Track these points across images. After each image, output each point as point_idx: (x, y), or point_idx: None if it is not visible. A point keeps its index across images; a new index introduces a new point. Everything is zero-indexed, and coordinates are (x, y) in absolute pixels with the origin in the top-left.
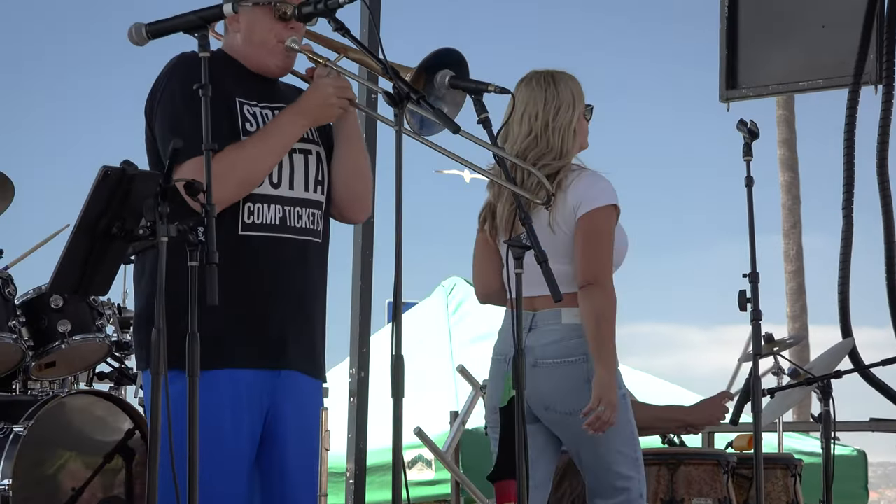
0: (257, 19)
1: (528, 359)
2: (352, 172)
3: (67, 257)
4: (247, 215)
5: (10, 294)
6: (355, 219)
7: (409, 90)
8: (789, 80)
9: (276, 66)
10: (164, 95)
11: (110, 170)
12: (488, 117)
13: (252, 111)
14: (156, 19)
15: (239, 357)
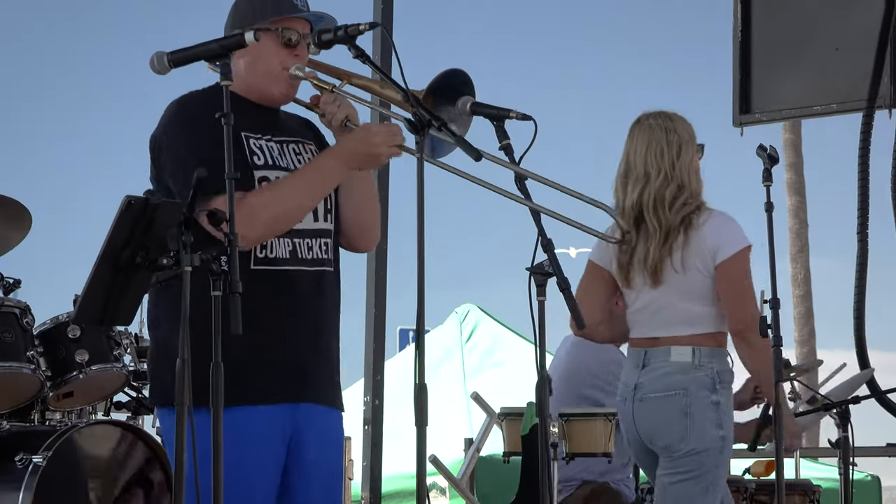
0: (264, 46)
1: (637, 394)
2: (359, 202)
3: (91, 288)
4: (259, 250)
5: (28, 324)
6: (364, 248)
7: (431, 117)
8: (803, 104)
9: (280, 93)
10: (173, 137)
11: (134, 199)
12: (510, 143)
13: (258, 144)
14: (178, 48)
15: (259, 393)
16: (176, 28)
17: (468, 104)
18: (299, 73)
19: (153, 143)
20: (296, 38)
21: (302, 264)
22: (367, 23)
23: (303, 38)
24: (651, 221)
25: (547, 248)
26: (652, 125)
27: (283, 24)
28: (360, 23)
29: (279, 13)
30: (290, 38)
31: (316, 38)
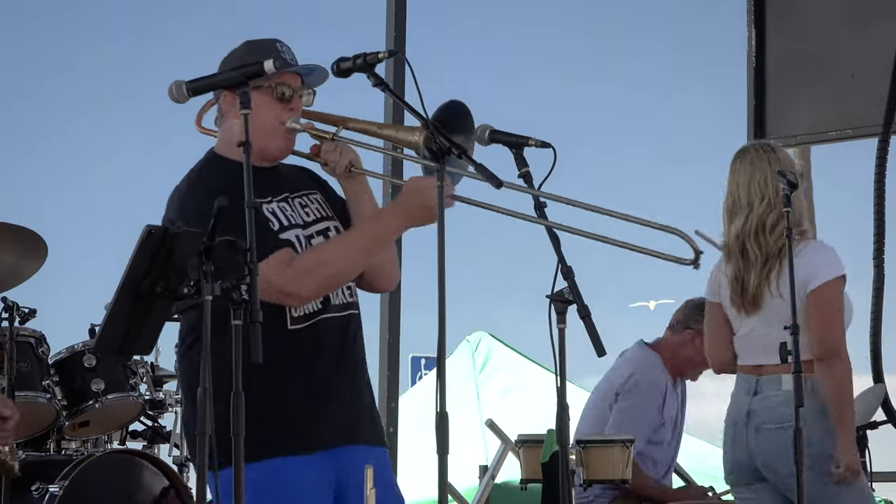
0: (260, 102)
1: (753, 421)
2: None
3: (112, 317)
4: (294, 308)
5: (44, 353)
6: (384, 288)
7: (451, 144)
8: (818, 129)
9: (279, 148)
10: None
11: (154, 229)
12: (529, 171)
13: (270, 209)
14: (196, 77)
15: (311, 441)
16: (176, 27)
17: (487, 132)
18: (296, 126)
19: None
20: (289, 92)
21: (334, 310)
22: (386, 51)
23: (295, 91)
24: (752, 248)
25: (567, 276)
26: (755, 156)
27: (275, 79)
28: (378, 51)
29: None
30: (284, 93)
31: (334, 66)
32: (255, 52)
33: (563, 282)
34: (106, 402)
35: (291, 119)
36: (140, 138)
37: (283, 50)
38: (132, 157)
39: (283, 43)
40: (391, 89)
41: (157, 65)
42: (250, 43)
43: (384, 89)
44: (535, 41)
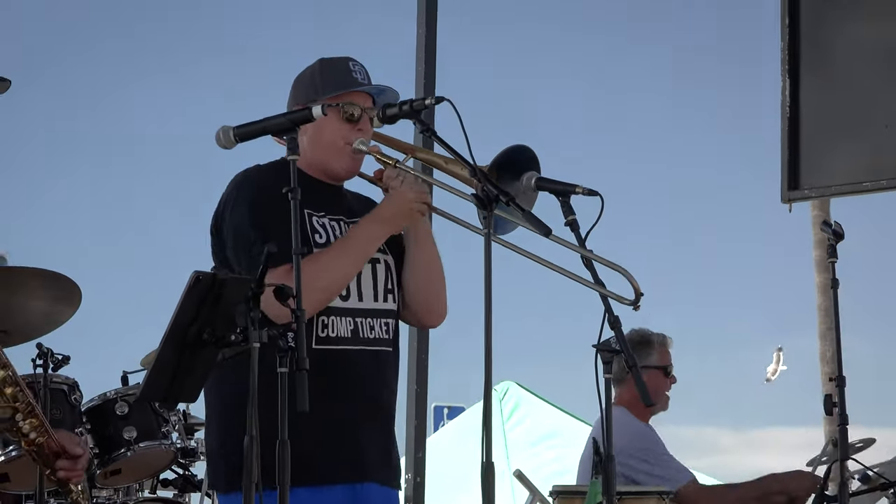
0: (326, 121)
1: None
2: (425, 277)
3: (159, 364)
4: (321, 328)
5: (77, 401)
6: (430, 324)
7: (499, 192)
8: (852, 180)
9: (343, 168)
10: (236, 211)
11: (202, 275)
12: (575, 219)
13: (321, 222)
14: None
15: (319, 474)
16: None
17: (533, 179)
18: (363, 148)
19: (216, 217)
20: (358, 112)
21: (362, 344)
22: (433, 97)
23: (365, 111)
24: None
25: (614, 325)
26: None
27: (344, 98)
28: (425, 97)
29: (340, 88)
30: (353, 114)
31: (381, 113)
32: (328, 71)
33: (610, 331)
34: (138, 450)
35: (359, 140)
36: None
37: (355, 69)
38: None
39: (356, 61)
40: (439, 136)
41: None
42: (324, 61)
43: (431, 136)
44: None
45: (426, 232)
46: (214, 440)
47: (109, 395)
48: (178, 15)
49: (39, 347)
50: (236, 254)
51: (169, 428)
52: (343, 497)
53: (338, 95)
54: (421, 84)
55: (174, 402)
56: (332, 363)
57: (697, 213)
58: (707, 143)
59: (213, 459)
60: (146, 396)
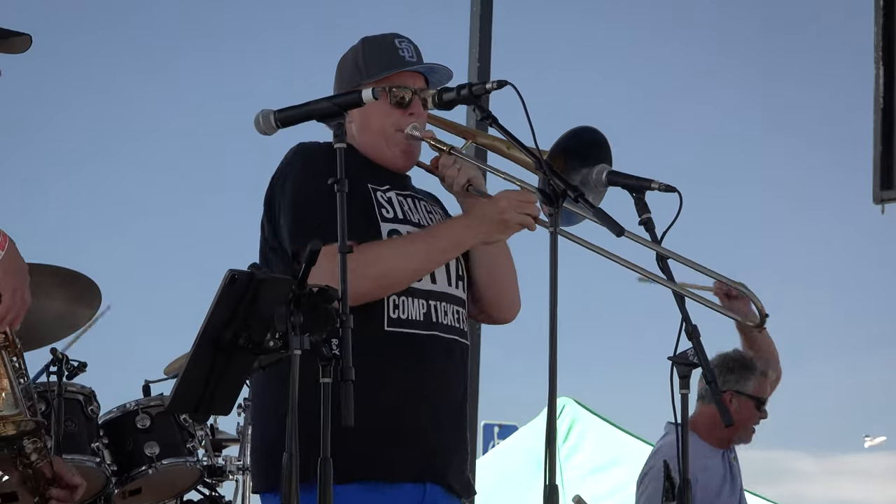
0: (373, 106)
1: None
2: (495, 266)
3: (189, 372)
4: (392, 309)
5: (93, 412)
6: (503, 317)
7: (567, 187)
8: None
9: (398, 157)
10: (289, 186)
11: (237, 274)
12: (651, 218)
13: (386, 196)
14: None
15: (383, 469)
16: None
17: (604, 173)
18: (416, 133)
19: (272, 184)
20: (408, 95)
21: (436, 329)
22: (495, 81)
23: (416, 94)
24: None
25: (692, 336)
26: None
27: (393, 80)
28: (486, 81)
29: (387, 69)
30: (403, 97)
31: (436, 97)
32: (372, 50)
33: (688, 342)
34: (160, 467)
35: (412, 125)
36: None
37: (402, 47)
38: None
39: (403, 38)
40: (501, 125)
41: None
42: (367, 40)
43: (492, 124)
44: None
45: None
46: (266, 435)
47: (130, 407)
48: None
49: (53, 353)
50: (290, 235)
51: (195, 444)
52: (407, 498)
53: (385, 77)
54: (475, 66)
55: (206, 414)
56: (405, 348)
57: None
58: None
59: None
60: (175, 407)
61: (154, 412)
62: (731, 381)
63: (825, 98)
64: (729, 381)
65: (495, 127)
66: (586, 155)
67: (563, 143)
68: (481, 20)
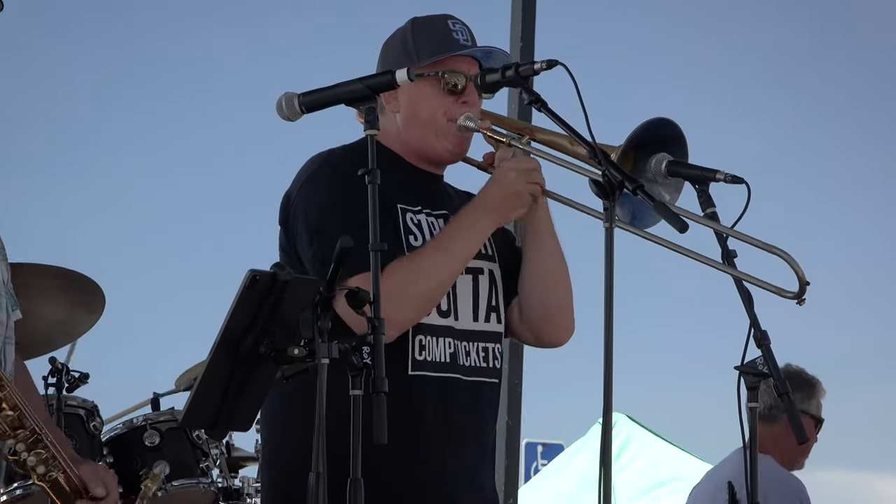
0: (423, 94)
1: None
2: (548, 284)
3: (205, 383)
4: (418, 351)
5: (96, 428)
6: (554, 342)
7: (624, 177)
8: None
9: (447, 150)
10: (311, 200)
11: (259, 274)
12: (716, 212)
13: (417, 219)
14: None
15: None
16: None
17: (664, 163)
18: (470, 125)
19: (286, 202)
20: (463, 82)
21: (459, 371)
22: (544, 61)
23: (470, 80)
24: None
25: (761, 343)
26: None
27: (446, 65)
28: (535, 61)
29: (439, 52)
30: (456, 84)
31: (478, 80)
32: (423, 32)
33: (757, 350)
34: (171, 489)
35: (466, 115)
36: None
37: (455, 29)
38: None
39: (457, 20)
40: (551, 109)
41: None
42: (417, 21)
43: (542, 109)
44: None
45: (548, 227)
46: (276, 465)
47: (136, 422)
48: None
49: (53, 363)
50: (309, 251)
51: (209, 463)
52: None
53: (437, 62)
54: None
55: (224, 429)
56: (429, 393)
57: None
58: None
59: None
60: (189, 422)
61: (164, 428)
62: (796, 399)
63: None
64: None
65: (545, 112)
66: (662, 150)
67: (637, 136)
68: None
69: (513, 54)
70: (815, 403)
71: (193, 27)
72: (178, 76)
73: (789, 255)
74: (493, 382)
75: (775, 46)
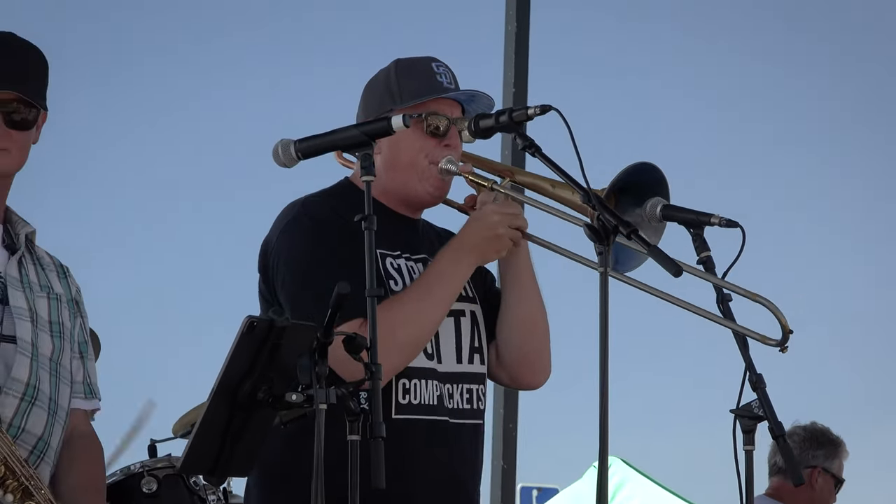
0: (405, 136)
1: None
2: (526, 328)
3: (204, 429)
4: (402, 395)
5: None
6: (530, 384)
7: (619, 222)
8: None
9: (428, 193)
10: (291, 249)
11: (256, 320)
12: (710, 256)
13: (396, 264)
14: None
15: None
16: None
17: (658, 207)
18: (452, 168)
19: (265, 249)
20: (445, 124)
21: (445, 414)
22: (538, 106)
23: (453, 123)
24: None
25: (756, 386)
26: None
27: (428, 107)
28: (528, 106)
29: (422, 94)
30: (438, 126)
31: (472, 125)
32: (407, 74)
33: (752, 393)
34: None
35: (447, 158)
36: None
37: (439, 72)
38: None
39: (441, 62)
40: (545, 155)
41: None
42: (401, 63)
43: (536, 154)
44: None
45: (528, 270)
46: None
47: (134, 469)
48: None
49: None
50: (290, 299)
51: None
52: None
53: (419, 104)
54: (510, 91)
55: (222, 475)
56: (412, 436)
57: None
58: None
59: None
60: (188, 468)
61: (161, 475)
62: (820, 457)
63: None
64: (818, 458)
65: (539, 157)
66: (644, 194)
67: (620, 180)
68: (517, 41)
69: (506, 98)
70: (837, 463)
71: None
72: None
73: (773, 304)
74: (478, 424)
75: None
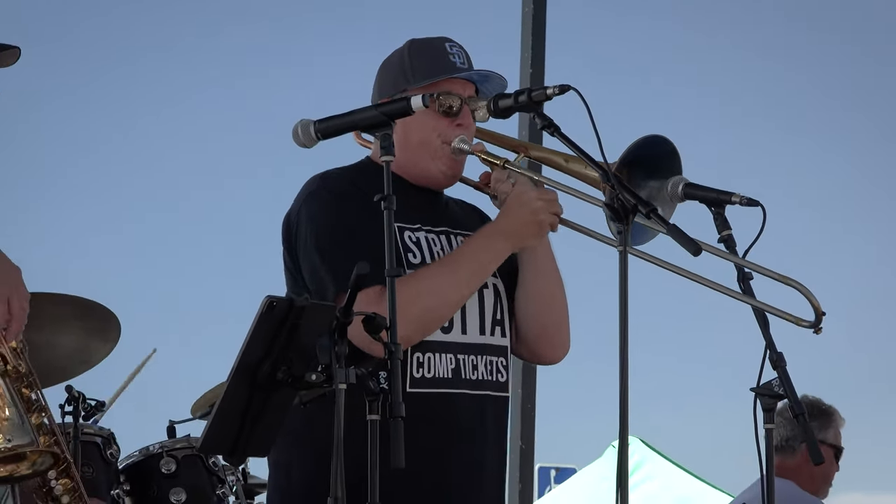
0: (418, 116)
1: None
2: (545, 303)
3: (224, 410)
4: (416, 368)
5: (113, 456)
6: (550, 359)
7: (638, 202)
8: None
9: (442, 172)
10: (312, 224)
11: (276, 300)
12: (731, 235)
13: (415, 237)
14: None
15: None
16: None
17: (680, 186)
18: (464, 147)
19: (287, 223)
20: (457, 104)
21: (464, 386)
22: (557, 86)
23: (466, 102)
24: None
25: (777, 364)
26: None
27: (441, 87)
28: (547, 86)
29: (435, 74)
30: (451, 106)
31: (492, 104)
32: (420, 54)
33: (773, 371)
34: None
35: (460, 137)
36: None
37: (452, 51)
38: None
39: (454, 42)
40: (564, 134)
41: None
42: (415, 43)
43: (554, 133)
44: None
45: (546, 247)
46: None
47: (153, 450)
48: None
49: (69, 391)
50: (312, 274)
51: (225, 490)
52: None
53: (432, 84)
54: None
55: (242, 455)
56: (429, 410)
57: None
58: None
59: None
60: (208, 448)
61: (180, 455)
62: (814, 428)
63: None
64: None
65: (558, 136)
66: (655, 167)
67: (631, 153)
68: (534, 21)
69: (523, 79)
70: (832, 432)
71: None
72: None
73: (804, 287)
74: (500, 396)
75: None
